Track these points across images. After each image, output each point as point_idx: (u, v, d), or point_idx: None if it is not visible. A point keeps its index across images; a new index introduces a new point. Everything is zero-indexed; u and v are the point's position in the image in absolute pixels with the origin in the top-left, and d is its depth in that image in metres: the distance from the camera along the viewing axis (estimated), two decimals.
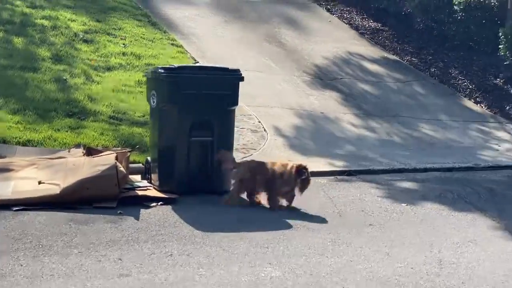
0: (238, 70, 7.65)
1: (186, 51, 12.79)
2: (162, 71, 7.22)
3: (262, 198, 7.22)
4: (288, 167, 7.11)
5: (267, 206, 7.13)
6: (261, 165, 7.28)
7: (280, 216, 6.82)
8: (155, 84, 7.38)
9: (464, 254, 5.99)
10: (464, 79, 14.23)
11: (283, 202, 7.18)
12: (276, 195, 7.13)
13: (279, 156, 9.25)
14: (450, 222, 7.03)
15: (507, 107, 13.22)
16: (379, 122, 11.75)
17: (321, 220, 6.76)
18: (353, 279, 5.20)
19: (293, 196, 7.16)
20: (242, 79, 7.56)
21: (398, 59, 15.17)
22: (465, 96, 13.79)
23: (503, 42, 13.96)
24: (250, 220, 6.63)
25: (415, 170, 9.55)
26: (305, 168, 7.10)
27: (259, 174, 7.13)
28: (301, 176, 7.05)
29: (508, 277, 5.46)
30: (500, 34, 14.02)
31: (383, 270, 5.43)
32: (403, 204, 7.59)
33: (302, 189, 7.13)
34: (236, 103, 7.64)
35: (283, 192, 7.14)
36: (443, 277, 5.35)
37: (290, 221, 6.63)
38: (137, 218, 6.34)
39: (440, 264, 5.67)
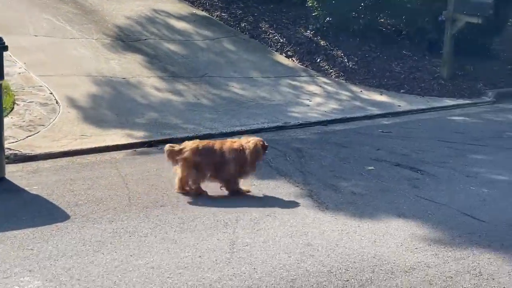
0: (1, 38, 6.52)
1: None
2: None
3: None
4: (249, 145, 6.35)
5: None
6: (208, 146, 6.41)
7: (59, 204, 5.90)
8: None
9: (260, 231, 5.40)
10: (274, 33, 13.78)
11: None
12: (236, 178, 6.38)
13: (71, 131, 8.28)
14: (250, 193, 6.43)
15: (318, 60, 12.95)
16: (186, 84, 11.00)
17: (105, 205, 5.91)
18: (128, 280, 4.43)
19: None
20: (5, 48, 6.45)
21: (208, 15, 14.45)
22: (276, 51, 13.36)
23: None
24: (19, 213, 5.64)
25: (222, 135, 8.91)
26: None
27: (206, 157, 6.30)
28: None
29: (304, 255, 4.93)
30: None
31: (166, 264, 4.71)
32: None
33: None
34: (1, 77, 6.54)
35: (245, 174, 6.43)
36: (234, 264, 4.72)
37: (68, 211, 5.74)
38: None
39: (232, 247, 5.03)
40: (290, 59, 13.09)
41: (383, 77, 12.41)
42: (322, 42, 13.50)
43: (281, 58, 13.10)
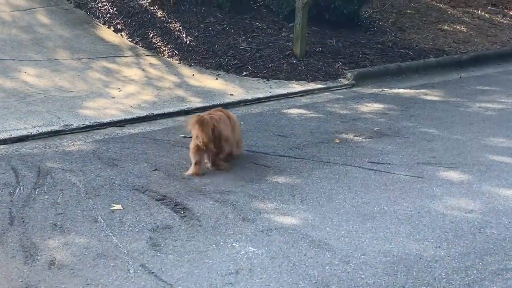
0: None
1: None
2: None
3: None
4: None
5: None
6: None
7: None
8: None
9: None
10: (105, 2, 11.47)
11: None
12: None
13: None
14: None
15: (151, 35, 10.73)
16: None
17: None
18: None
19: None
20: None
21: None
22: (104, 23, 11.09)
23: None
24: None
25: None
26: None
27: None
28: None
29: None
30: None
31: None
32: None
33: None
34: None
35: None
36: None
37: None
38: None
39: None
40: (119, 34, 10.86)
41: (225, 56, 10.27)
42: (159, 13, 11.27)
43: (107, 33, 10.85)
